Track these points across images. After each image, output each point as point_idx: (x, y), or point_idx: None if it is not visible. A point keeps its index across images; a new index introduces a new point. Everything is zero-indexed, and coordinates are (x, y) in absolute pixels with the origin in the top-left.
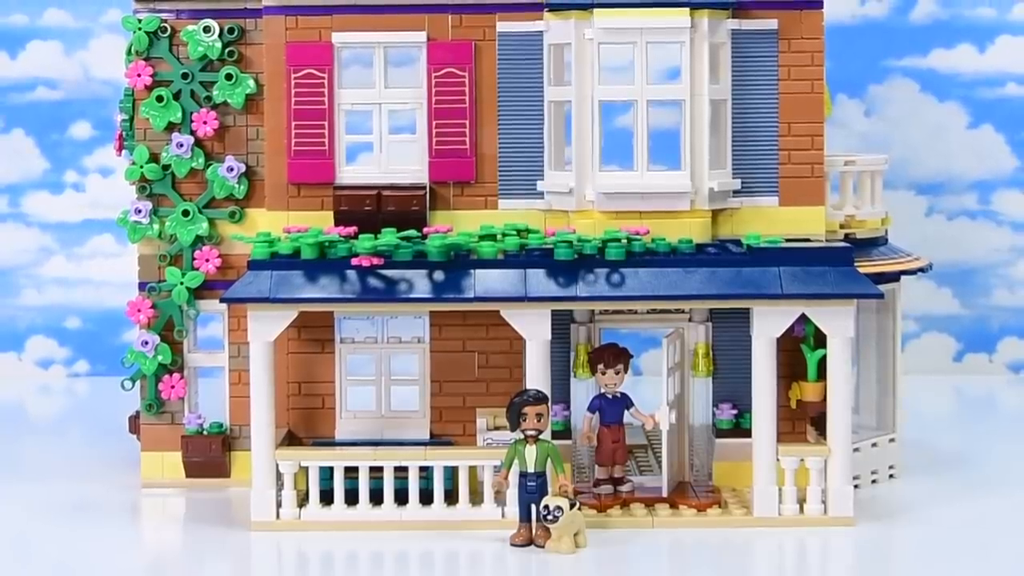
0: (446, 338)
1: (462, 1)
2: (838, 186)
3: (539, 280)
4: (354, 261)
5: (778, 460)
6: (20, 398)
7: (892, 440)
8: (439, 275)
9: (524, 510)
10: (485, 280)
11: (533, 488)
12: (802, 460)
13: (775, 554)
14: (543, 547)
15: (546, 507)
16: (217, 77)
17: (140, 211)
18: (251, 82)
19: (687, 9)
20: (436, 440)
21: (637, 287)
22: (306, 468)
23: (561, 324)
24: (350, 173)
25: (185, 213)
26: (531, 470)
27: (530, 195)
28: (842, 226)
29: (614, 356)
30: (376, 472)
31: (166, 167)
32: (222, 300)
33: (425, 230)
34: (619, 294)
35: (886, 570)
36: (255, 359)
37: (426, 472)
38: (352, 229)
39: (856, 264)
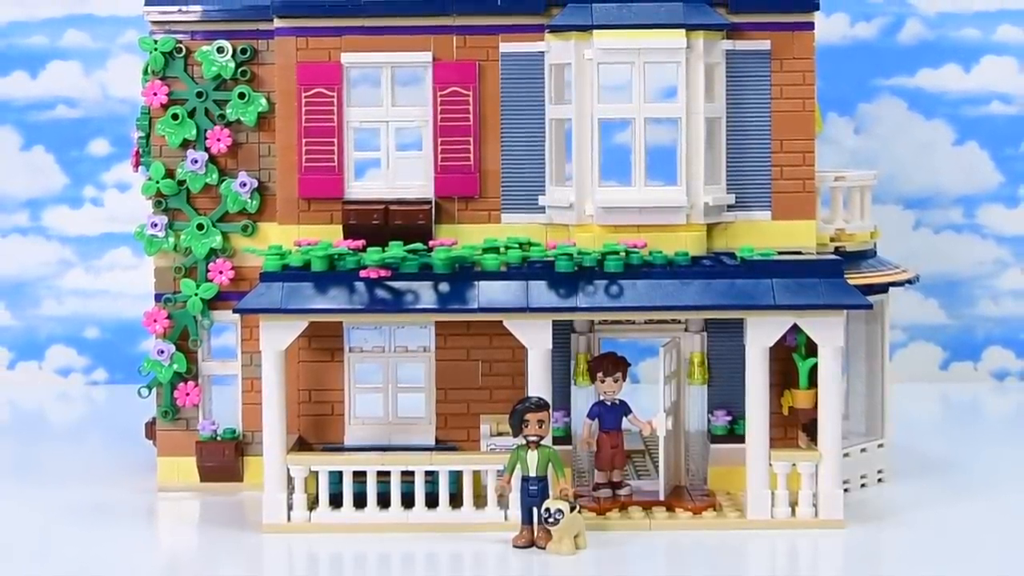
0: (451, 347)
1: (466, 23)
2: (829, 201)
3: (540, 291)
4: (362, 273)
5: (771, 465)
6: (40, 405)
7: (881, 445)
8: (444, 287)
9: (526, 513)
10: (488, 291)
11: (535, 492)
12: (794, 465)
13: (768, 555)
14: (544, 548)
15: (547, 510)
16: (230, 96)
17: (156, 225)
18: (263, 101)
19: (683, 30)
20: (441, 445)
21: (635, 298)
22: (316, 472)
23: (562, 334)
24: (358, 188)
25: (200, 227)
26: (533, 474)
27: (532, 210)
28: (832, 239)
29: (613, 364)
30: (383, 476)
31: (181, 182)
32: (235, 311)
33: (431, 243)
34: (618, 305)
35: (875, 571)
36: (267, 367)
37: (432, 476)
38: (360, 242)
39: (846, 276)
